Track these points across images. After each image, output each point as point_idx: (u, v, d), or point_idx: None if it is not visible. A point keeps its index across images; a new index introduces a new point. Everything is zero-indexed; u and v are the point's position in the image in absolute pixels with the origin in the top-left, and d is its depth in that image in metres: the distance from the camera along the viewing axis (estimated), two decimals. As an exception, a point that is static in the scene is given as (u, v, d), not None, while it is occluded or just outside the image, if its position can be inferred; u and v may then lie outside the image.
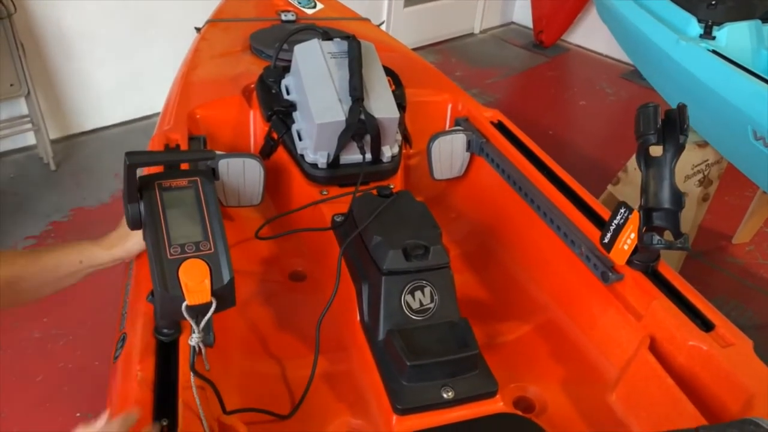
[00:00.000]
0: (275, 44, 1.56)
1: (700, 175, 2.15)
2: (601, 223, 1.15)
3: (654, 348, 1.00)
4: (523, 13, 5.00)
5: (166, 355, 0.88)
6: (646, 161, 1.02)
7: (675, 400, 0.93)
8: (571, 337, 1.16)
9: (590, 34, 4.64)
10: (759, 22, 1.98)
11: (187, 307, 0.79)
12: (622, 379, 1.03)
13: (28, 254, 1.01)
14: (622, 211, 1.05)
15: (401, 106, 1.49)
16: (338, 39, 1.42)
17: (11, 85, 2.70)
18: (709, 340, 0.95)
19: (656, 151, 1.00)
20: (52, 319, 2.08)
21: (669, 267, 1.09)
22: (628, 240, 1.04)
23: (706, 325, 0.98)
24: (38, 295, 1.00)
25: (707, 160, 2.14)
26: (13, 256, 0.97)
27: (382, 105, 1.35)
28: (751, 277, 2.56)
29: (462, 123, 1.57)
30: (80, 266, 1.01)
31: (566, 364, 1.13)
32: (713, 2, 1.97)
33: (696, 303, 1.02)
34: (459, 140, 1.49)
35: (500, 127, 1.52)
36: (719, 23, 1.96)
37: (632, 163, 2.27)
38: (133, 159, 0.81)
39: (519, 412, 1.02)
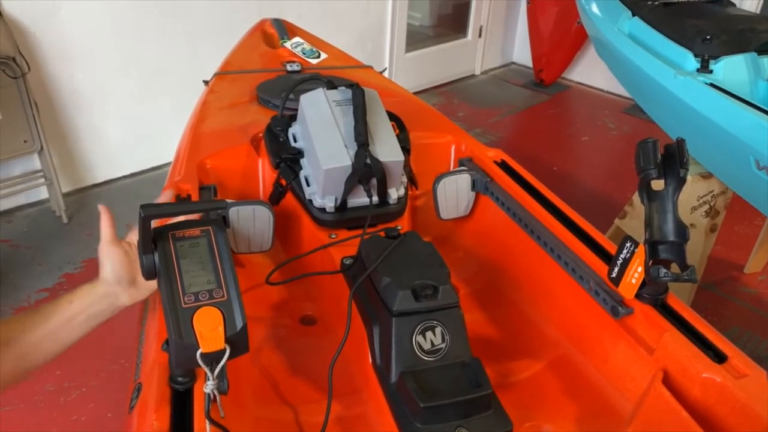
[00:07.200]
0: (281, 94, 1.60)
1: (707, 206, 2.16)
2: (608, 258, 1.16)
3: (667, 381, 0.99)
4: (522, 54, 5.10)
5: (181, 403, 0.88)
6: (649, 195, 1.03)
7: (691, 434, 0.92)
8: (584, 373, 1.15)
9: (590, 71, 4.71)
10: (755, 54, 2.01)
11: (202, 354, 0.80)
12: (637, 414, 1.02)
13: (15, 317, 0.95)
14: (628, 245, 1.05)
15: (406, 149, 1.52)
16: (342, 87, 1.46)
17: (24, 141, 2.77)
18: (722, 371, 0.95)
19: (658, 185, 1.02)
20: (65, 372, 2.08)
21: (678, 299, 1.09)
22: (635, 274, 1.04)
23: (719, 357, 0.98)
24: (42, 356, 0.95)
25: (712, 191, 2.15)
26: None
27: (386, 149, 1.38)
28: (765, 307, 2.53)
29: (466, 163, 1.60)
30: (71, 308, 0.95)
31: (580, 401, 1.12)
32: (708, 37, 2.01)
33: (707, 334, 1.02)
34: (464, 180, 1.51)
35: (504, 166, 1.55)
36: (715, 57, 1.99)
37: (638, 196, 2.28)
38: (148, 211, 0.83)
39: (535, 452, 1.02)
